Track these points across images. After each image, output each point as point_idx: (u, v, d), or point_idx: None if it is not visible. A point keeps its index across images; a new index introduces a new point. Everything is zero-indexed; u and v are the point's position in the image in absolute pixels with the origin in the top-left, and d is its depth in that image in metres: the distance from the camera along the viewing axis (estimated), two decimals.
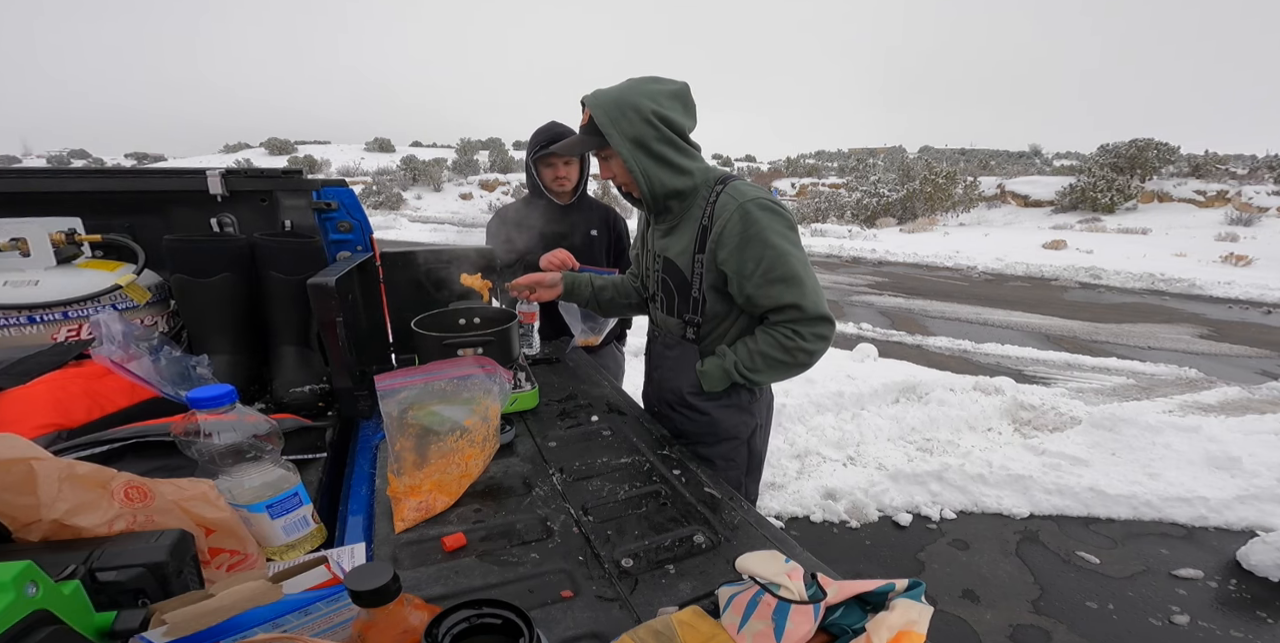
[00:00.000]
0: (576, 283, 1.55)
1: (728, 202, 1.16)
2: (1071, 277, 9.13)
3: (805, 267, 1.16)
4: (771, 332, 1.20)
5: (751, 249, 1.14)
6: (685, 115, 1.18)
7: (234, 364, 1.25)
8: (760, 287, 1.16)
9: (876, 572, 2.24)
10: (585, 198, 2.03)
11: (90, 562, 0.53)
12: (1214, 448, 3.00)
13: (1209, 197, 15.02)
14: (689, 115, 1.20)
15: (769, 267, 1.14)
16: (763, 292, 1.17)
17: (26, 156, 44.82)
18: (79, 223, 1.31)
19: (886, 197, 16.83)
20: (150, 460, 0.90)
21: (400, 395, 1.02)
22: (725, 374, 1.25)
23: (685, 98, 1.19)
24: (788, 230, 1.16)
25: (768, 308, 1.19)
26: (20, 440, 0.60)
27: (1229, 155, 21.13)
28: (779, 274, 1.14)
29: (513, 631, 0.45)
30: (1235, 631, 1.97)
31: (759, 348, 1.21)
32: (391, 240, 10.97)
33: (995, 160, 28.68)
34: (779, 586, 0.64)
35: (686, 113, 1.19)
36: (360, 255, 1.53)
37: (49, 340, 1.17)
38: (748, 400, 1.34)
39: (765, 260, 1.14)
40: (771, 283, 1.15)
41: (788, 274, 1.14)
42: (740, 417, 1.35)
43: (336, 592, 0.56)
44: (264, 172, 1.50)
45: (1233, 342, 5.71)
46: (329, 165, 28.74)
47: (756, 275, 1.15)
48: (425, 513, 0.93)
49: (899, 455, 3.08)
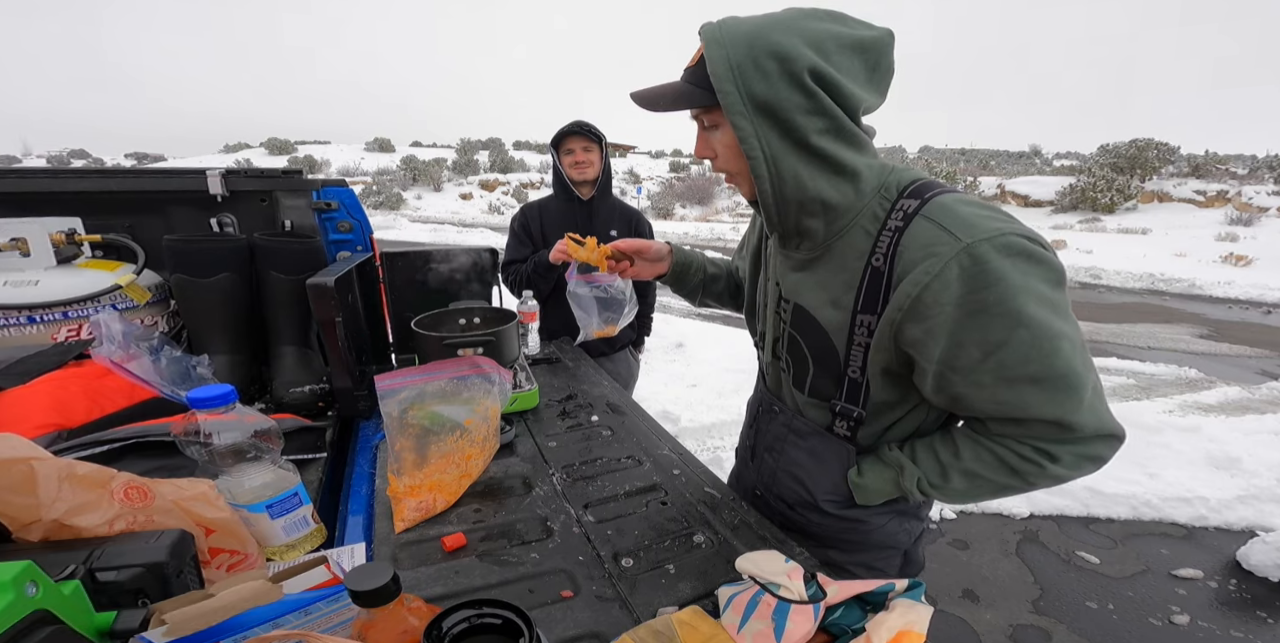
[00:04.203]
0: (689, 265, 1.19)
1: (934, 237, 0.68)
2: (1071, 277, 9.13)
3: (1084, 355, 0.69)
4: (995, 447, 0.76)
5: (980, 328, 0.67)
6: (866, 83, 0.70)
7: (234, 364, 1.25)
8: (985, 388, 0.70)
9: None
10: (608, 196, 2.05)
11: (90, 562, 0.53)
12: (1214, 448, 3.00)
13: (1209, 197, 15.02)
14: (874, 85, 0.72)
15: (1014, 358, 0.67)
16: (989, 395, 0.71)
17: (26, 157, 44.83)
18: (79, 223, 1.31)
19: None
20: (150, 460, 0.90)
21: (400, 395, 1.02)
22: (896, 489, 0.86)
23: (876, 55, 0.70)
24: (1056, 292, 0.68)
25: (996, 417, 0.74)
26: (20, 440, 0.60)
27: (1229, 155, 21.13)
28: (1034, 371, 0.67)
29: (513, 631, 0.45)
30: (1235, 631, 1.97)
31: (966, 466, 0.78)
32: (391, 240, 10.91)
33: (995, 160, 28.69)
34: (779, 586, 0.64)
35: (871, 79, 0.71)
36: (360, 255, 1.53)
37: (49, 340, 1.17)
38: (914, 504, 0.94)
39: (1009, 348, 0.67)
40: (1013, 384, 0.68)
41: (1053, 372, 0.67)
42: (905, 524, 0.95)
43: (336, 592, 0.56)
44: (264, 172, 1.50)
45: (1232, 342, 5.71)
46: (329, 165, 28.75)
47: (982, 370, 0.69)
48: (425, 513, 0.93)
49: None
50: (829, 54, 0.67)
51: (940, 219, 0.69)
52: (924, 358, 0.73)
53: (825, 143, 0.70)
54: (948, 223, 0.68)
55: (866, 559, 0.98)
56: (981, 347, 0.68)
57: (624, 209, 2.09)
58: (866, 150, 0.75)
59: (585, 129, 1.90)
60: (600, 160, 1.95)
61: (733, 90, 0.68)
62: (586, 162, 1.92)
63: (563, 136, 1.90)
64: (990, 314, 0.66)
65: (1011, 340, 0.66)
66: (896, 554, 0.99)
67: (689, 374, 3.93)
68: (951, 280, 0.67)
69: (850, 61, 0.68)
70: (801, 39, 0.66)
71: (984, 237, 0.66)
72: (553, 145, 1.94)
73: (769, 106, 0.68)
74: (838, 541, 0.97)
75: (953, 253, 0.66)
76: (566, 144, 1.91)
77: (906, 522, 0.96)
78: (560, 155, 1.94)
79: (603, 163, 1.96)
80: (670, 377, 3.88)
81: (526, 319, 1.70)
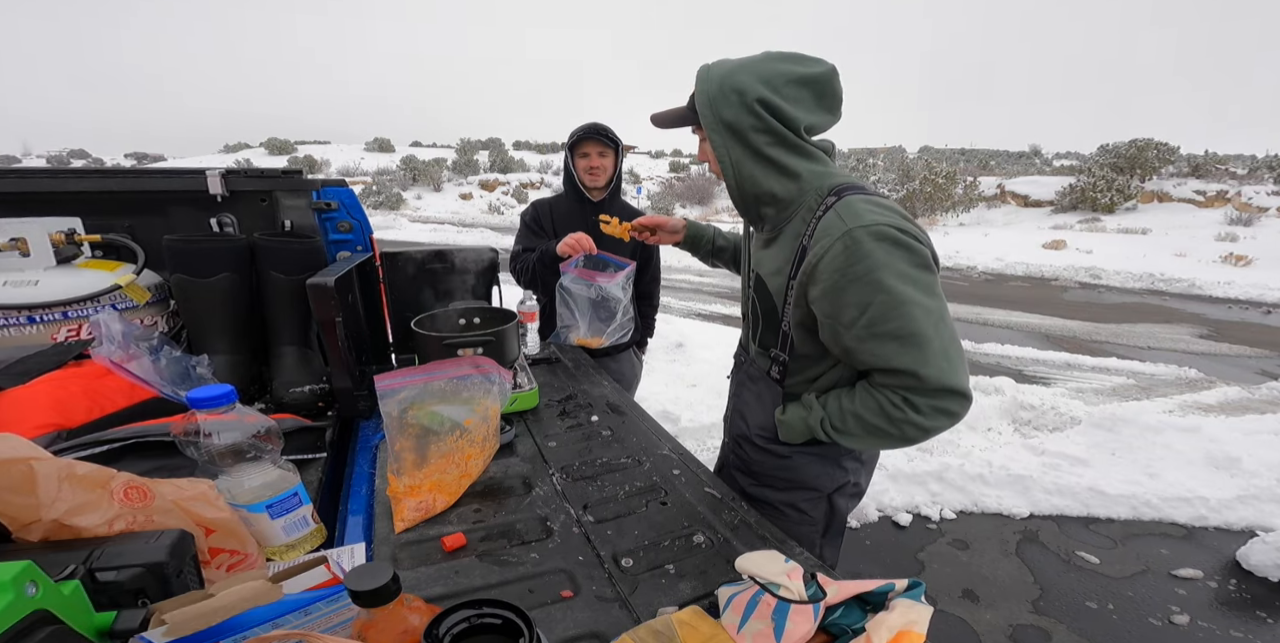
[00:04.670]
0: (700, 237, 1.52)
1: (832, 224, 0.90)
2: (1071, 277, 9.13)
3: (936, 321, 0.87)
4: (877, 394, 0.93)
5: (855, 292, 0.87)
6: (814, 107, 0.96)
7: (234, 364, 1.25)
8: (863, 341, 0.90)
9: (876, 572, 2.24)
10: (617, 198, 2.05)
11: (90, 562, 0.53)
12: (1214, 448, 3.00)
13: (1209, 197, 15.01)
14: (822, 107, 0.97)
15: (877, 317, 0.87)
16: (865, 348, 0.90)
17: (26, 157, 44.82)
18: (79, 223, 1.31)
19: (886, 197, 16.83)
20: (150, 460, 0.90)
21: (400, 395, 1.02)
22: (808, 430, 1.04)
23: (822, 85, 0.95)
24: (916, 270, 0.87)
25: (872, 367, 0.94)
26: (20, 440, 0.60)
27: (1229, 155, 21.13)
28: (891, 329, 0.87)
29: (513, 631, 0.45)
30: (1235, 631, 1.97)
31: (855, 409, 0.96)
32: (391, 240, 10.91)
33: (995, 160, 28.69)
34: (779, 586, 0.64)
35: (819, 104, 0.96)
36: (360, 255, 1.53)
37: (49, 340, 1.17)
38: (839, 451, 1.12)
39: (873, 309, 0.87)
40: (879, 339, 0.88)
41: (904, 330, 0.86)
42: (824, 468, 1.13)
43: (336, 592, 0.56)
44: (264, 172, 1.50)
45: (1232, 342, 5.71)
46: (329, 165, 28.74)
47: (858, 326, 0.89)
48: (425, 513, 0.93)
49: (899, 455, 3.08)
50: (778, 88, 0.92)
51: (840, 211, 0.91)
52: (820, 313, 0.95)
53: (773, 152, 0.96)
54: (843, 214, 0.90)
55: (794, 499, 1.17)
56: (857, 307, 0.88)
57: (631, 211, 2.09)
58: (811, 158, 0.99)
59: (603, 134, 1.87)
60: (614, 166, 1.95)
61: (709, 114, 0.96)
62: (601, 168, 1.91)
63: (580, 140, 1.88)
64: (861, 282, 0.87)
65: (875, 303, 0.87)
66: (821, 500, 1.17)
67: (689, 374, 3.93)
68: (836, 255, 0.89)
69: (798, 92, 0.94)
70: (757, 78, 0.92)
71: (862, 224, 0.87)
72: (568, 146, 1.92)
73: (732, 126, 0.95)
74: (771, 478, 1.18)
75: (839, 234, 0.88)
76: (583, 148, 1.90)
77: (826, 466, 1.14)
78: (575, 158, 1.92)
79: (616, 168, 1.96)
80: (670, 377, 3.88)
81: (526, 319, 1.70)
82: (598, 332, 1.86)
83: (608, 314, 1.85)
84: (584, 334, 1.86)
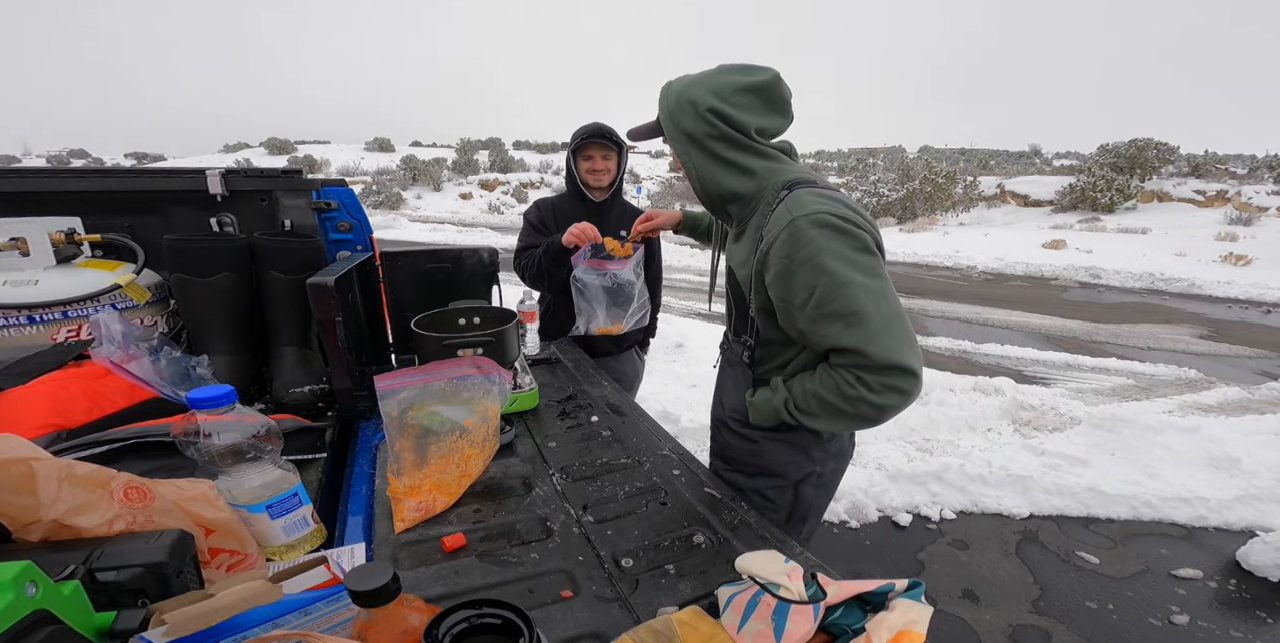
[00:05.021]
0: (698, 224, 1.65)
1: (781, 215, 0.97)
2: (1071, 277, 9.13)
3: (877, 300, 0.91)
4: (833, 374, 0.98)
5: (803, 276, 0.94)
6: (763, 112, 1.03)
7: (234, 364, 1.25)
8: (813, 322, 0.95)
9: (876, 572, 2.24)
10: (619, 199, 2.05)
11: (90, 562, 0.53)
12: (1214, 448, 3.00)
13: (1209, 197, 15.01)
14: (771, 111, 1.04)
15: (822, 299, 0.92)
16: (816, 328, 0.96)
17: (26, 157, 44.80)
18: (79, 223, 1.31)
19: (886, 197, 16.82)
20: (150, 460, 0.90)
21: (400, 395, 1.02)
22: (774, 412, 1.08)
23: (767, 92, 1.02)
24: (856, 253, 0.93)
25: (825, 347, 0.98)
26: (20, 440, 0.60)
27: (1229, 155, 21.13)
28: (835, 309, 0.92)
29: (513, 631, 0.45)
30: (1235, 631, 1.97)
31: (815, 389, 1.00)
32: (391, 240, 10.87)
33: (995, 160, 28.69)
34: (778, 586, 0.64)
35: (768, 108, 1.04)
36: (360, 255, 1.53)
37: (49, 340, 1.17)
38: (807, 440, 1.16)
39: (819, 291, 0.92)
40: (826, 319, 0.93)
41: (847, 310, 0.91)
42: (791, 455, 1.17)
43: (336, 592, 0.56)
44: (264, 172, 1.50)
45: (1232, 342, 5.71)
46: (329, 165, 28.73)
47: (809, 308, 0.95)
48: (425, 513, 0.93)
49: (899, 455, 3.08)
50: (727, 97, 1.00)
51: (789, 203, 0.98)
52: (775, 298, 1.02)
53: (730, 155, 1.04)
54: (790, 205, 0.97)
55: (760, 486, 1.20)
56: (805, 289, 0.94)
57: (633, 211, 2.09)
58: (766, 157, 1.06)
59: (607, 137, 1.85)
60: (617, 168, 1.94)
61: (671, 126, 1.06)
62: (604, 170, 1.91)
63: (584, 141, 1.86)
64: (807, 266, 0.93)
65: (820, 285, 0.92)
66: (788, 488, 1.20)
67: (689, 374, 3.93)
68: (784, 242, 0.95)
69: (746, 100, 1.02)
70: (708, 90, 1.01)
71: (803, 214, 0.93)
72: (571, 149, 1.91)
73: (690, 135, 1.04)
74: (741, 463, 1.22)
75: (785, 223, 0.95)
76: (586, 150, 1.88)
77: (794, 454, 1.17)
78: (578, 159, 1.91)
79: (619, 169, 1.96)
80: (670, 377, 3.88)
81: (526, 319, 1.70)
82: (617, 318, 1.89)
83: (624, 299, 1.89)
84: (604, 322, 1.89)
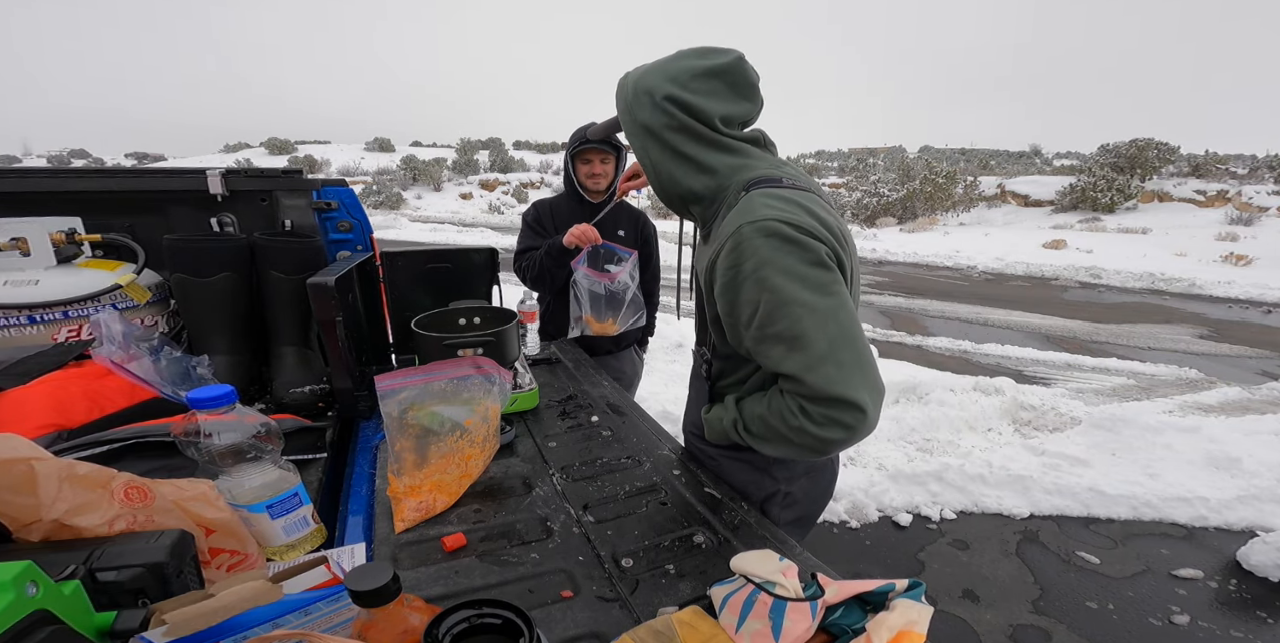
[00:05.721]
0: None
1: (732, 221, 0.85)
2: (1071, 277, 9.13)
3: (822, 322, 0.79)
4: (779, 399, 0.87)
5: (746, 291, 0.83)
6: (728, 97, 0.92)
7: (234, 364, 1.25)
8: (758, 342, 0.85)
9: (876, 572, 2.24)
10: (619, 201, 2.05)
11: (90, 562, 0.53)
12: (1214, 448, 3.00)
13: (1209, 197, 15.00)
14: (736, 96, 0.93)
15: (765, 318, 0.82)
16: (760, 348, 0.86)
17: (26, 157, 44.82)
18: (79, 223, 1.31)
19: (886, 197, 16.82)
20: (150, 460, 0.90)
21: (400, 395, 1.02)
22: (724, 431, 0.99)
23: (730, 75, 0.91)
24: (807, 267, 0.80)
25: (770, 370, 0.88)
26: (20, 440, 0.60)
27: (1229, 155, 21.11)
28: (777, 330, 0.81)
29: (513, 631, 0.45)
30: (1235, 631, 1.97)
31: (763, 412, 0.90)
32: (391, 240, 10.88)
33: (995, 160, 28.66)
34: (774, 584, 0.64)
35: (733, 93, 0.92)
36: (360, 255, 1.53)
37: (49, 340, 1.17)
38: (766, 460, 1.04)
39: (762, 308, 0.82)
40: (769, 340, 0.83)
41: (789, 332, 0.80)
42: (752, 475, 1.07)
43: (336, 592, 0.56)
44: (264, 172, 1.50)
45: (1233, 342, 5.71)
46: (329, 165, 28.74)
47: (753, 327, 0.85)
48: (425, 513, 0.93)
49: (899, 455, 3.08)
50: (685, 84, 0.89)
51: (740, 207, 0.86)
52: (722, 313, 0.91)
53: (689, 149, 0.93)
54: (741, 210, 0.85)
55: None
56: (749, 306, 0.84)
57: (630, 211, 2.09)
58: (730, 152, 0.94)
59: (605, 141, 1.85)
60: (616, 171, 1.95)
61: (629, 120, 0.95)
62: (603, 174, 1.91)
63: (582, 147, 1.86)
64: (749, 280, 0.82)
65: (762, 302, 0.82)
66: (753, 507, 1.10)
67: (689, 374, 3.93)
68: (729, 252, 0.84)
69: (708, 85, 0.91)
70: (664, 76, 0.90)
71: (750, 221, 0.82)
72: (570, 153, 1.91)
73: (648, 128, 0.93)
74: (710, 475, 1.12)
75: (732, 231, 0.84)
76: (585, 153, 1.89)
77: (754, 473, 1.07)
78: (576, 163, 1.92)
79: (617, 172, 1.96)
80: (670, 376, 3.88)
81: (526, 319, 1.70)
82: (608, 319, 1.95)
83: (617, 303, 1.93)
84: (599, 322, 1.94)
